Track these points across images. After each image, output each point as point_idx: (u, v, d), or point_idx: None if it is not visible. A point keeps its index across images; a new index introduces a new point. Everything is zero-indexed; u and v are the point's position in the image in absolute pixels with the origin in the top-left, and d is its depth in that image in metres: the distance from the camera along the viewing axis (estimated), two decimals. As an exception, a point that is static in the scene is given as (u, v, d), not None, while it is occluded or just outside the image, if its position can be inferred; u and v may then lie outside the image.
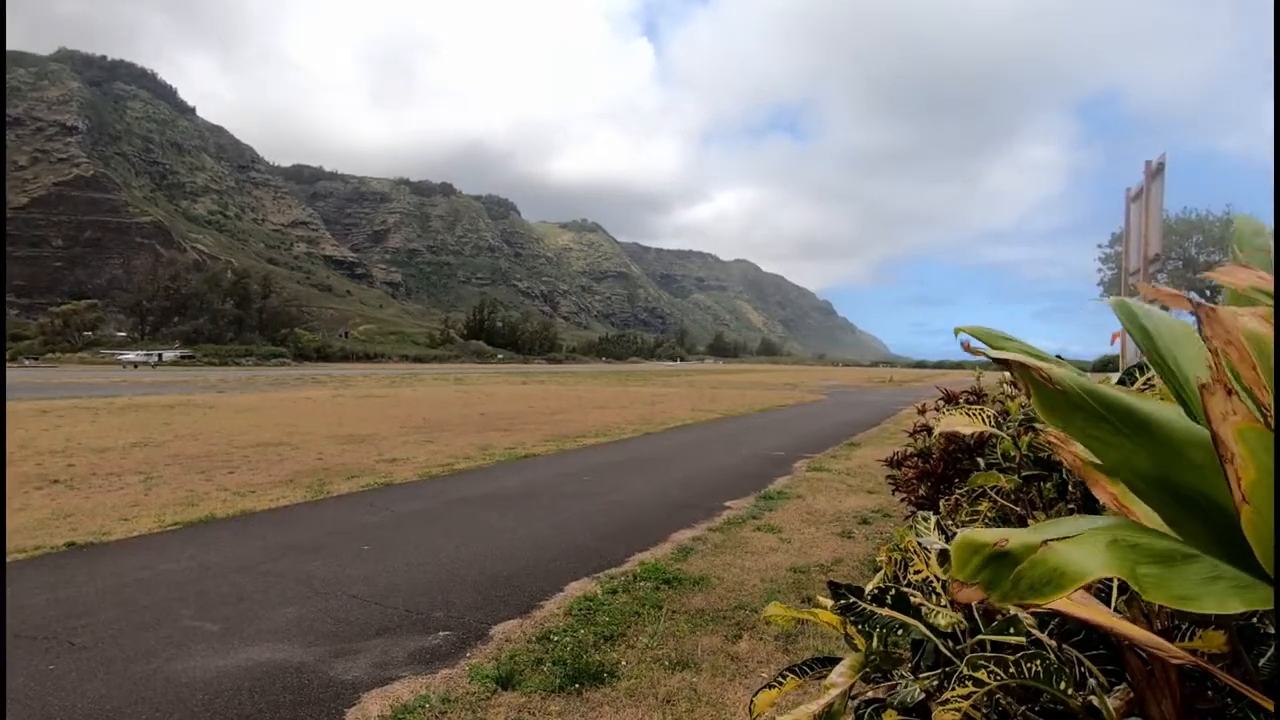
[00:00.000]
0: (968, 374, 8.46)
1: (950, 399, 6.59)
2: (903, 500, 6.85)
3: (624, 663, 5.02)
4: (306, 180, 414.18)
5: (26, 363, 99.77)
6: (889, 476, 7.19)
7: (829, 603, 1.56)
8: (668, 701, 4.51)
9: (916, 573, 1.26)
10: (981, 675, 0.98)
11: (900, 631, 1.19)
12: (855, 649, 1.36)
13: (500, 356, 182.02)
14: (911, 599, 1.20)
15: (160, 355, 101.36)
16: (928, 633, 1.16)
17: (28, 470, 12.98)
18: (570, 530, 9.05)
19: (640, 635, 5.52)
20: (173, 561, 7.42)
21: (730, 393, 46.71)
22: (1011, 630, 1.05)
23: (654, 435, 21.21)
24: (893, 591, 1.20)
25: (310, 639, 5.38)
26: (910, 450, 6.99)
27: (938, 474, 6.39)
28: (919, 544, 1.28)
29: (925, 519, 1.43)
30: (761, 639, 5.52)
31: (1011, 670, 0.97)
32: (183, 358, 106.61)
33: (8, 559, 7.49)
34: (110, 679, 4.67)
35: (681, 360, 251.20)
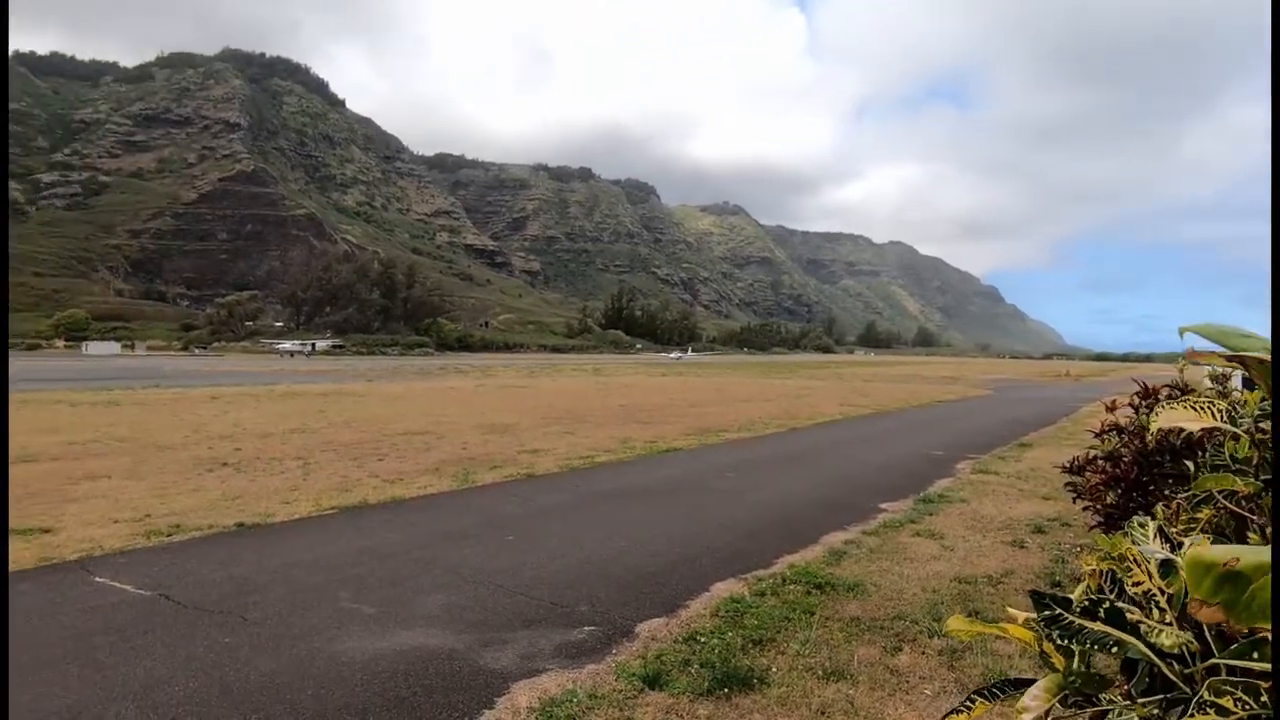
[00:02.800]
0: (1157, 368, 7.83)
1: (1148, 393, 6.14)
2: (1086, 509, 6.44)
3: (774, 669, 5.01)
4: (449, 169, 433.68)
5: (196, 351, 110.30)
6: (1069, 483, 6.78)
7: (1018, 615, 1.50)
8: (821, 713, 4.46)
9: (1136, 584, 1.19)
10: (1226, 703, 0.92)
11: (1114, 649, 1.12)
12: (1052, 668, 1.31)
13: (639, 346, 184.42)
14: (1128, 614, 1.13)
15: (314, 345, 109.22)
16: (1148, 653, 1.09)
17: (201, 453, 14.35)
18: (715, 528, 9.09)
19: (791, 641, 5.48)
20: (331, 545, 8.02)
21: (883, 386, 45.34)
22: (1255, 655, 0.97)
23: (800, 431, 20.92)
24: (1106, 604, 1.14)
25: (460, 626, 5.68)
26: (1095, 453, 6.56)
27: (1130, 479, 5.97)
28: (1139, 552, 1.21)
29: (1143, 524, 1.34)
30: (924, 653, 5.36)
31: (1264, 699, 0.89)
32: (334, 347, 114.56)
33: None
34: (279, 654, 5.12)
35: (829, 351, 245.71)
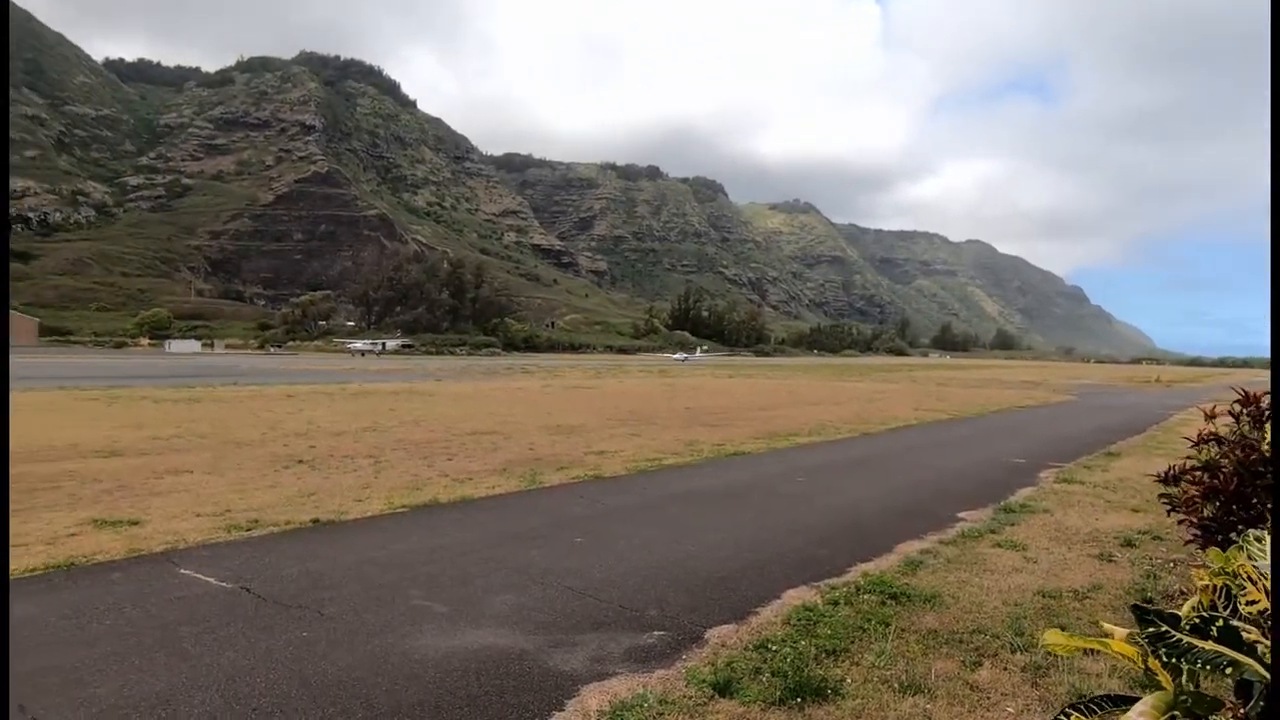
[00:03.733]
0: (1254, 373, 7.49)
1: (1250, 401, 5.90)
2: (1181, 521, 6.20)
3: (849, 680, 4.95)
4: (516, 168, 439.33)
5: (272, 350, 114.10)
6: (1163, 494, 6.53)
7: (1118, 631, 1.47)
8: (900, 727, 4.40)
9: (1250, 603, 1.15)
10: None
11: (1229, 670, 1.08)
12: (1157, 686, 1.27)
13: (705, 347, 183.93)
14: (1244, 634, 1.09)
15: (384, 344, 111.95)
16: (1266, 675, 1.05)
17: (277, 450, 14.85)
18: (785, 534, 9.02)
19: (866, 653, 5.41)
20: (403, 542, 8.22)
21: (959, 391, 44.33)
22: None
23: (873, 436, 20.61)
24: (1219, 622, 1.10)
25: (530, 627, 5.77)
26: (1192, 463, 6.31)
27: (1230, 491, 5.73)
28: (1255, 569, 1.16)
29: (1259, 539, 1.29)
30: (1006, 668, 5.23)
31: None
32: (403, 346, 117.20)
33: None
34: (354, 649, 5.28)
35: (902, 354, 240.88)
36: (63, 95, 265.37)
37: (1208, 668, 1.09)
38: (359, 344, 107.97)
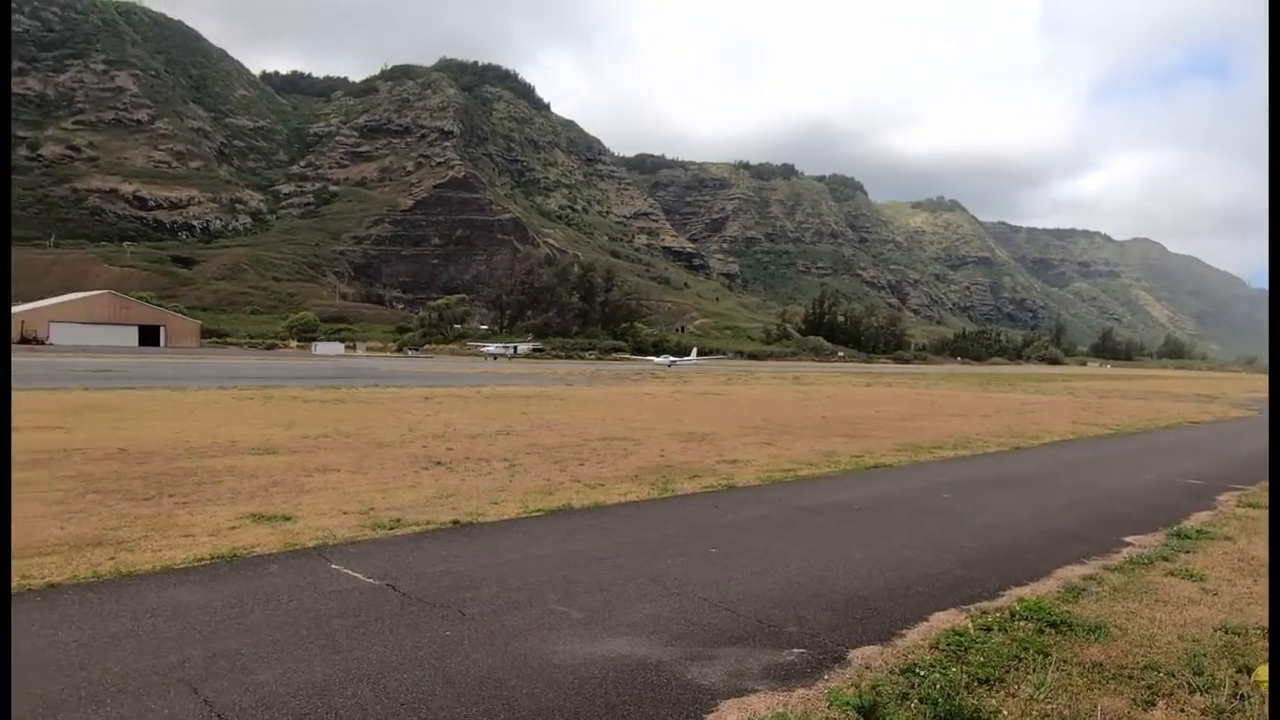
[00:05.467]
0: None
1: None
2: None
3: (1004, 713, 4.78)
4: (648, 170, 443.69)
5: (409, 353, 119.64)
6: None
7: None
8: (1060, 766, 4.21)
9: None
10: None
11: None
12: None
13: (841, 354, 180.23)
14: None
15: (515, 347, 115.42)
16: None
17: (416, 451, 15.58)
18: (931, 553, 8.77)
19: (1023, 684, 5.20)
20: (538, 546, 8.48)
21: (1122, 403, 41.69)
22: None
23: (1026, 450, 19.70)
24: None
25: (666, 638, 5.84)
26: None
27: None
28: None
29: None
30: (1183, 709, 4.92)
31: None
32: (534, 350, 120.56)
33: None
34: (494, 650, 5.50)
35: (1056, 362, 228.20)
36: (224, 109, 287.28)
37: None
38: (491, 347, 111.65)
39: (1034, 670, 5.43)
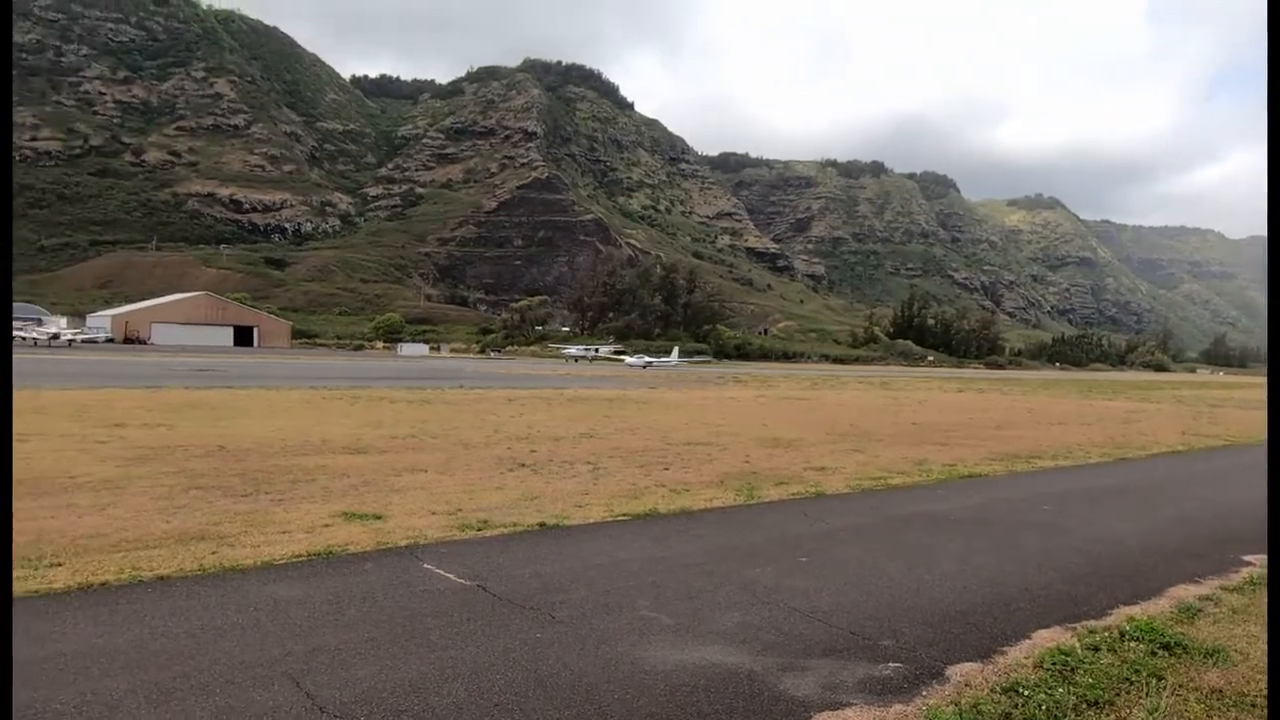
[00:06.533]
0: None
1: None
2: None
3: (1115, 738, 4.62)
4: (732, 169, 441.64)
5: (492, 354, 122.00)
6: None
7: None
8: (1178, 798, 4.05)
9: None
10: None
11: None
12: None
13: (930, 359, 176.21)
14: None
15: (597, 349, 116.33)
16: None
17: (501, 453, 15.88)
18: (1033, 567, 8.52)
19: (1135, 708, 5.02)
20: (625, 551, 8.56)
21: (1238, 413, 39.66)
22: None
23: (1132, 462, 18.94)
24: None
25: (757, 647, 5.83)
26: None
27: None
28: None
29: None
30: (1314, 745, 4.66)
31: None
32: (615, 353, 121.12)
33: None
34: (585, 654, 5.58)
35: (1163, 369, 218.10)
36: (315, 113, 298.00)
37: None
38: (573, 350, 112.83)
39: (1147, 694, 5.23)
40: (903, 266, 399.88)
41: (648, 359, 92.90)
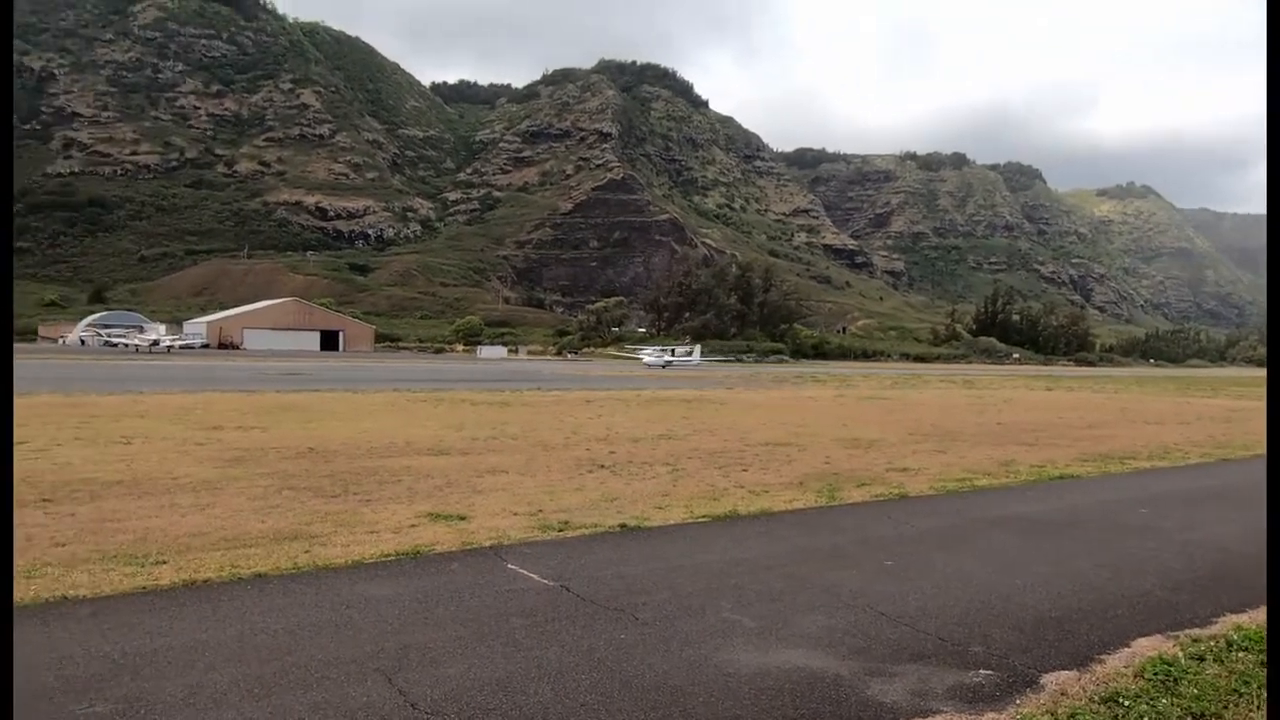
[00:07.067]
0: None
1: None
2: None
3: (1224, 754, 4.43)
4: (808, 164, 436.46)
5: (569, 356, 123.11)
6: None
7: None
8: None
9: None
10: None
11: None
12: None
13: (1016, 356, 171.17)
14: None
15: (673, 350, 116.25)
16: None
17: (580, 454, 16.03)
18: (1130, 573, 8.22)
19: (1245, 722, 4.81)
20: (707, 553, 8.56)
21: (1360, 412, 37.36)
22: None
23: (1235, 462, 18.11)
24: None
25: (842, 652, 5.77)
26: None
27: None
28: None
29: None
30: None
31: None
32: (687, 353, 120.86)
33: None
34: (669, 657, 5.61)
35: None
36: (397, 120, 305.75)
37: None
38: (648, 350, 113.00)
39: (1258, 707, 5.00)
40: (986, 261, 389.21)
41: (668, 357, 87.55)
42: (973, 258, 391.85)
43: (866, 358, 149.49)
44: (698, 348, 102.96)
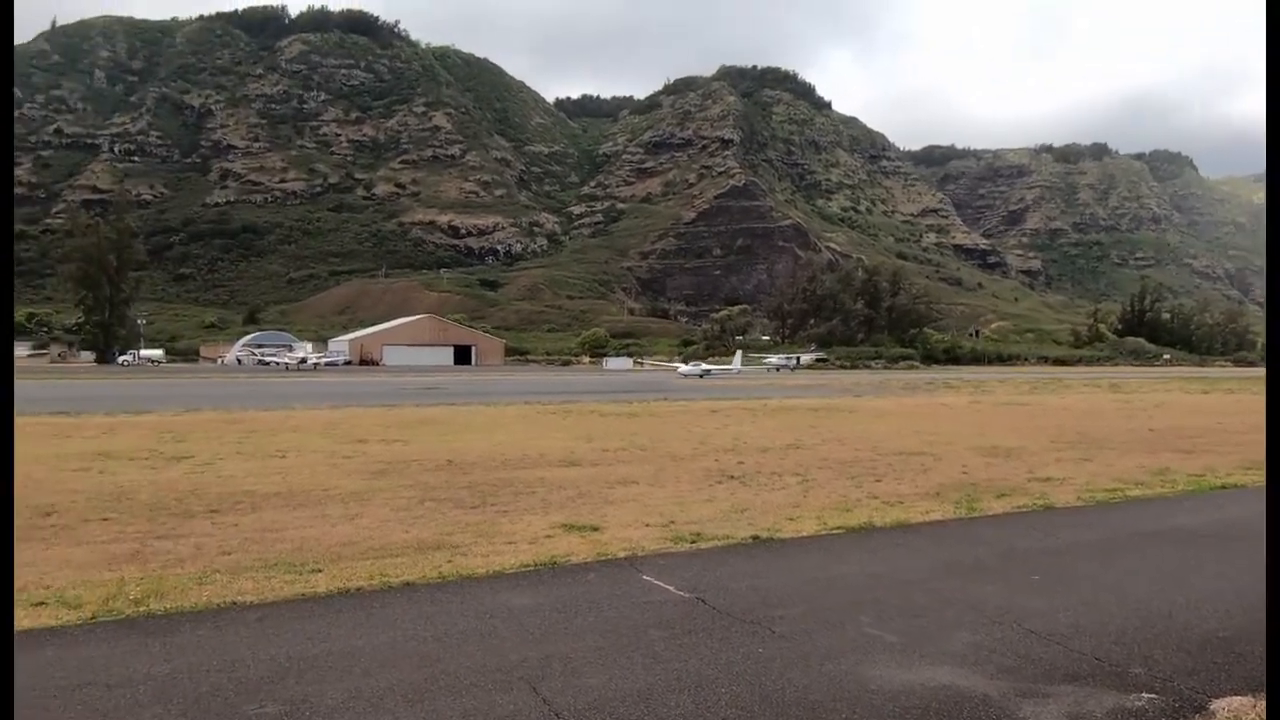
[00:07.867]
0: None
1: None
2: None
3: None
4: (936, 162, 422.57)
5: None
6: None
7: None
8: None
9: None
10: None
11: None
12: None
13: (1166, 357, 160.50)
14: None
15: (798, 358, 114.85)
16: None
17: (708, 465, 16.05)
18: (1310, 594, 7.60)
19: None
20: (842, 566, 8.44)
21: None
22: None
23: None
24: None
25: (991, 670, 5.58)
26: None
27: None
28: None
29: None
30: None
31: None
32: (817, 360, 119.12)
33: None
34: (809, 671, 5.56)
35: None
36: (523, 137, 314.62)
37: None
38: (773, 359, 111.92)
39: None
40: (1131, 256, 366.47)
41: (705, 366, 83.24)
42: (1116, 253, 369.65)
43: (1002, 362, 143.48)
44: (739, 355, 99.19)
